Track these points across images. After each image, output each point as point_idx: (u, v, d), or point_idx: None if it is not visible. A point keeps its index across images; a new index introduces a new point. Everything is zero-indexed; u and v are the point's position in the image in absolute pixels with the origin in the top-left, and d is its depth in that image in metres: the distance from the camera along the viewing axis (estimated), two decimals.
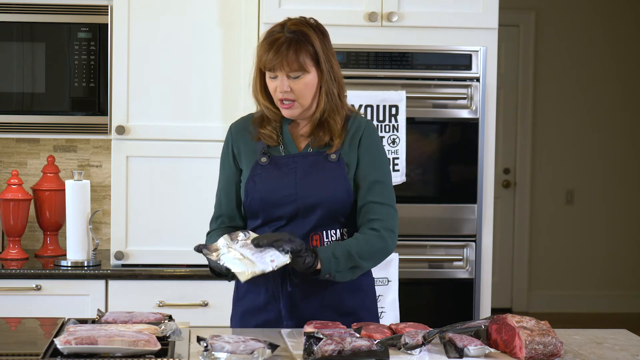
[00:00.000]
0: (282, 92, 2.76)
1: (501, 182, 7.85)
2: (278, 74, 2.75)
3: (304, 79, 2.76)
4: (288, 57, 2.72)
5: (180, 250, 3.96)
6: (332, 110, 2.81)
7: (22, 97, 4.00)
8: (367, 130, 2.84)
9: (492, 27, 3.93)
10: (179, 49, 3.96)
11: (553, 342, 2.40)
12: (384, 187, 2.81)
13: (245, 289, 2.87)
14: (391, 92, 3.84)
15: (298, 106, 2.78)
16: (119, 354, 2.31)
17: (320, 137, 2.81)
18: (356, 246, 2.73)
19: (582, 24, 7.80)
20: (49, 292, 3.82)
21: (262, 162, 2.81)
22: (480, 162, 3.93)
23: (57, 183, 4.12)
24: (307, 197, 2.77)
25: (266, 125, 2.84)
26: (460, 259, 3.95)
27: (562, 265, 7.91)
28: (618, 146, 7.89)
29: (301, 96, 2.76)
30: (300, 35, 2.76)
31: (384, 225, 2.78)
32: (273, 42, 2.75)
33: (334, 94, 2.81)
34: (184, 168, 3.96)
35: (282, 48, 2.73)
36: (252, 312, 2.85)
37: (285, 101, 2.77)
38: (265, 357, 2.33)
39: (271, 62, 2.74)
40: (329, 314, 2.80)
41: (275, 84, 2.77)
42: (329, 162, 2.80)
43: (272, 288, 2.81)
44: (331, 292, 2.80)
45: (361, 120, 2.87)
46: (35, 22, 3.97)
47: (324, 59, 2.78)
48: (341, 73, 2.85)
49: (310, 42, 2.76)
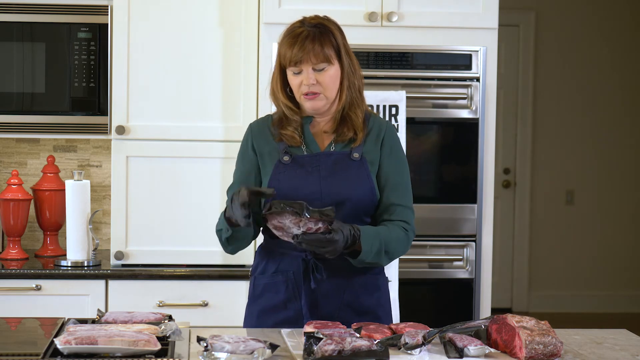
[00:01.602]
0: (308, 85, 2.77)
1: (501, 182, 7.85)
2: (303, 67, 2.77)
3: (328, 71, 2.79)
4: (314, 49, 2.76)
5: (180, 250, 3.96)
6: (353, 104, 2.85)
7: (22, 97, 4.00)
8: (390, 131, 2.89)
9: (492, 27, 3.93)
10: (179, 49, 3.96)
11: (553, 342, 2.40)
12: (406, 190, 2.87)
13: (263, 288, 2.86)
14: (391, 92, 3.84)
15: (323, 98, 2.80)
16: (119, 354, 2.31)
17: (344, 132, 2.84)
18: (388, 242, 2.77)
19: (582, 24, 7.80)
20: (49, 292, 3.82)
21: (285, 161, 2.81)
22: (480, 162, 3.94)
23: (57, 183, 4.12)
24: (332, 194, 2.78)
25: (287, 126, 2.84)
26: (460, 259, 3.95)
27: (562, 265, 7.91)
28: (618, 146, 7.89)
29: (327, 88, 2.79)
30: (322, 28, 2.80)
31: (410, 227, 2.84)
32: (297, 35, 2.78)
33: (356, 87, 2.85)
34: (184, 168, 3.96)
35: (306, 41, 2.76)
36: (270, 311, 2.84)
37: (310, 94, 2.78)
38: (265, 357, 2.33)
39: (297, 55, 2.76)
40: (347, 313, 2.82)
41: (299, 79, 2.78)
42: (352, 160, 2.82)
43: (293, 286, 2.82)
44: (350, 291, 2.83)
45: (381, 121, 2.91)
46: (35, 22, 3.97)
47: (345, 52, 2.83)
48: (360, 68, 2.89)
49: (333, 35, 2.81)
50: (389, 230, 2.79)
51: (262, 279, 2.87)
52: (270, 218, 2.66)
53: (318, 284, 2.80)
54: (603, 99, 7.86)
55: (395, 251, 2.81)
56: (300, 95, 2.80)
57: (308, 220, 2.62)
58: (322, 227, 2.63)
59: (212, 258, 3.97)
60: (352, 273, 2.84)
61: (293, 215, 2.61)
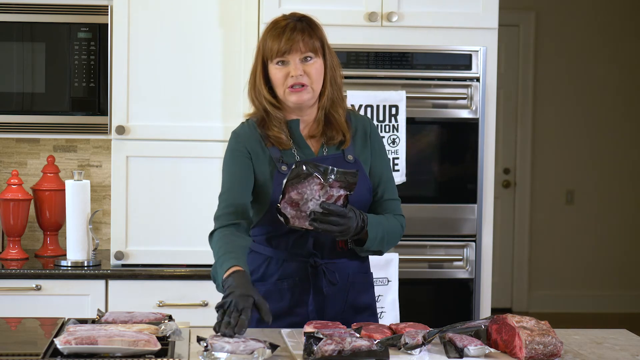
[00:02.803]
0: (295, 75, 2.75)
1: (501, 182, 7.85)
2: (291, 58, 2.75)
3: (315, 62, 2.78)
4: (303, 39, 2.76)
5: (180, 250, 3.96)
6: (335, 102, 2.84)
7: (22, 97, 4.00)
8: (374, 128, 2.91)
9: (492, 27, 3.93)
10: (179, 49, 3.96)
11: (553, 342, 2.40)
12: (394, 183, 2.92)
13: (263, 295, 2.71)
14: (391, 92, 3.84)
15: (309, 91, 2.78)
16: (119, 354, 2.31)
17: (333, 136, 2.83)
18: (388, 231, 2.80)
19: (582, 24, 7.80)
20: (49, 292, 3.82)
21: (283, 171, 2.77)
22: (480, 162, 3.94)
23: (57, 183, 4.12)
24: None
25: (271, 126, 2.81)
26: (460, 259, 3.95)
27: (562, 265, 7.91)
28: (618, 146, 7.89)
29: (314, 80, 2.77)
30: (308, 20, 2.81)
31: (402, 219, 2.89)
32: (284, 27, 2.77)
33: (337, 84, 2.85)
34: (184, 168, 3.96)
35: (295, 31, 2.76)
36: (275, 317, 2.68)
37: (296, 85, 2.76)
38: (265, 357, 2.33)
39: (285, 45, 2.74)
40: (350, 313, 2.84)
41: (285, 71, 2.76)
42: (347, 162, 2.82)
43: (300, 292, 2.81)
44: (352, 292, 2.85)
45: (364, 119, 2.92)
46: (35, 22, 3.97)
47: (327, 48, 2.83)
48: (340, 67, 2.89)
49: (318, 29, 2.82)
50: (388, 219, 2.82)
51: (262, 286, 2.82)
52: (290, 189, 2.61)
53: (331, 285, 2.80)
54: (603, 99, 7.86)
55: (393, 240, 2.84)
56: (284, 89, 2.77)
57: (331, 186, 2.61)
58: (342, 196, 2.63)
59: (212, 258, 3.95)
60: (354, 274, 2.85)
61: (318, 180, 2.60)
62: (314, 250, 2.80)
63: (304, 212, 2.64)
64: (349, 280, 2.84)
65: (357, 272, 2.86)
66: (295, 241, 2.79)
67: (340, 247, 2.82)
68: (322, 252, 2.81)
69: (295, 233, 2.79)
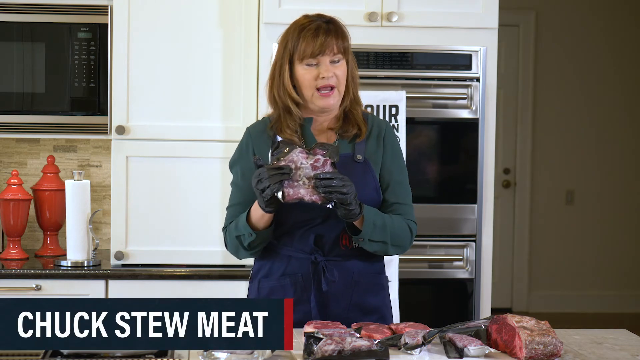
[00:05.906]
0: (327, 77, 2.76)
1: (501, 182, 7.84)
2: (322, 59, 2.77)
3: (342, 64, 2.81)
4: (337, 40, 2.78)
5: (180, 250, 3.96)
6: (353, 101, 2.87)
7: (22, 97, 4.00)
8: (389, 130, 2.91)
9: (492, 27, 3.93)
10: (179, 49, 3.96)
11: (553, 342, 2.40)
12: (407, 188, 2.89)
13: (269, 291, 2.84)
14: (391, 92, 3.84)
15: (337, 94, 2.81)
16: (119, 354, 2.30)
17: (348, 129, 2.85)
18: (392, 225, 2.78)
19: (582, 24, 7.80)
20: (49, 292, 3.82)
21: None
22: (480, 162, 3.94)
23: (57, 183, 4.12)
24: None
25: (285, 128, 2.82)
26: (460, 259, 3.95)
27: (562, 265, 7.91)
28: (618, 146, 7.89)
29: (341, 82, 2.80)
30: (336, 23, 2.83)
31: (412, 224, 2.86)
32: (317, 28, 2.78)
33: (356, 84, 2.88)
34: (184, 168, 3.96)
35: (328, 34, 2.77)
36: None
37: (324, 89, 2.78)
38: (265, 357, 2.33)
39: (320, 47, 2.76)
40: (355, 313, 2.83)
41: (314, 72, 2.77)
42: (356, 162, 2.82)
43: (302, 288, 2.82)
44: (357, 292, 2.84)
45: (380, 121, 2.93)
46: (35, 22, 3.97)
47: (349, 49, 2.85)
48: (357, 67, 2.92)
49: (345, 32, 2.84)
50: (392, 217, 2.81)
51: (267, 282, 2.85)
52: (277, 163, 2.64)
53: (331, 284, 2.80)
54: (603, 98, 7.86)
55: (400, 240, 2.81)
56: (312, 91, 2.79)
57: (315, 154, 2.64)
58: (328, 161, 2.64)
59: (212, 258, 3.97)
60: (360, 273, 2.85)
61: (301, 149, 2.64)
62: (316, 246, 2.80)
63: (296, 182, 2.64)
64: (353, 279, 2.83)
65: (364, 272, 2.85)
66: (300, 237, 2.81)
67: (344, 245, 2.82)
68: (325, 249, 2.81)
69: (299, 229, 2.80)
